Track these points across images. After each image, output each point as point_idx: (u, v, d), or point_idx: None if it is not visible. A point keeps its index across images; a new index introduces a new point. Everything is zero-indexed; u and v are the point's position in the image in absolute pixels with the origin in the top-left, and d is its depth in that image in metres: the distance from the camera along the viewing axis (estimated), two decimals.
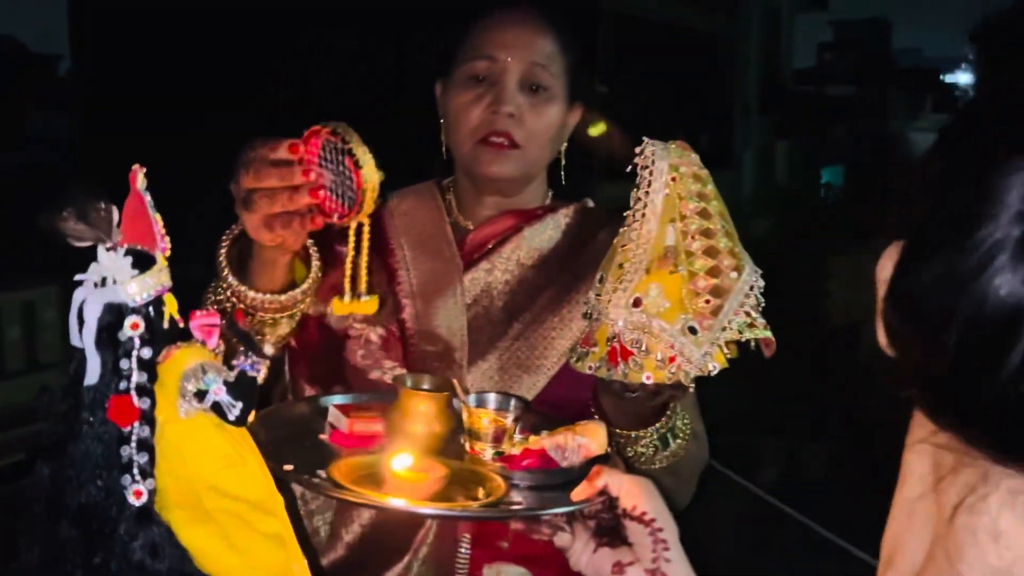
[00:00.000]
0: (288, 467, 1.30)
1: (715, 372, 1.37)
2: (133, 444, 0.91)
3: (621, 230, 1.47)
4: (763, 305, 1.39)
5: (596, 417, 1.70)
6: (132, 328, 0.91)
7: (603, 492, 1.26)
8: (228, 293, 1.48)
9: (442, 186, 1.87)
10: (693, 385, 1.58)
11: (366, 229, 1.38)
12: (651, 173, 1.44)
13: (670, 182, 1.42)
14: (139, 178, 0.93)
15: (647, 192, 1.43)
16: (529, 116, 1.71)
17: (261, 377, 0.94)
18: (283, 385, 1.74)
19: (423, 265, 1.76)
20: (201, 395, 0.93)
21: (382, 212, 1.78)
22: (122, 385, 0.90)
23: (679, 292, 1.37)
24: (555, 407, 1.63)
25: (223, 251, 1.49)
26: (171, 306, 0.93)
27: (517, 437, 1.45)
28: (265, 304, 1.45)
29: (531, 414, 1.52)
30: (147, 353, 0.91)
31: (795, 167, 11.75)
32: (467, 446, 1.44)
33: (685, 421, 1.64)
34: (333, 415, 1.49)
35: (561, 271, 1.77)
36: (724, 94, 12.36)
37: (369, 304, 1.41)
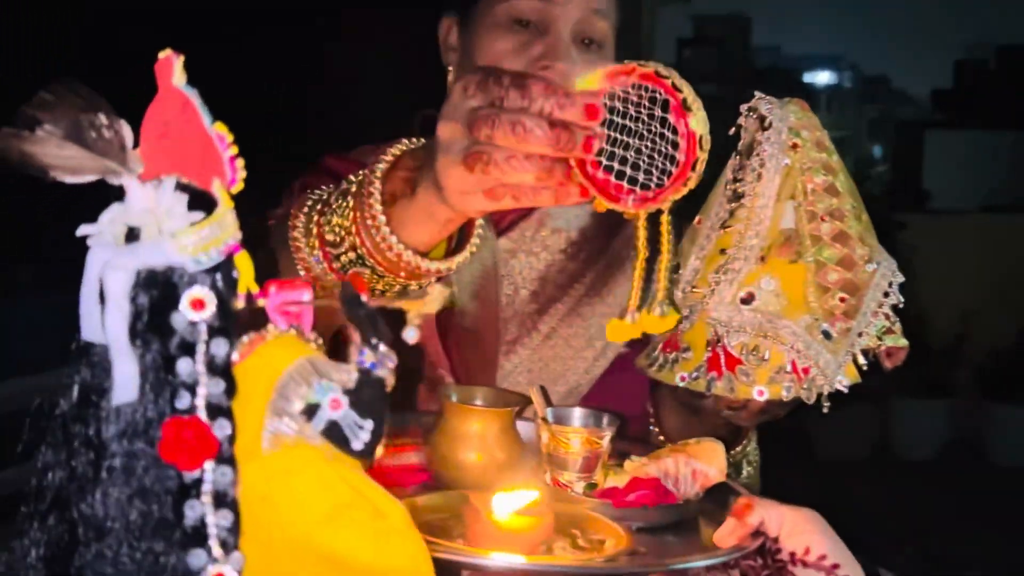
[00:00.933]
0: None
1: (846, 389, 1.16)
2: (206, 499, 0.59)
3: (712, 207, 1.24)
4: (902, 306, 1.19)
5: (656, 433, 1.46)
6: (195, 307, 0.59)
7: (757, 532, 1.02)
8: (347, 245, 1.08)
9: None
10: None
11: (666, 219, 0.98)
12: (767, 137, 1.19)
13: (790, 150, 1.18)
14: (176, 69, 0.61)
15: (761, 161, 1.19)
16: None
17: (391, 380, 0.64)
18: None
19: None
20: (310, 412, 0.62)
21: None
22: (182, 402, 0.58)
23: (802, 287, 1.16)
24: None
25: (375, 177, 1.08)
26: (246, 272, 0.62)
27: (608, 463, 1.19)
28: (421, 270, 1.07)
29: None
30: (221, 348, 0.60)
31: None
32: (547, 477, 1.16)
33: (754, 445, 1.44)
34: None
35: (596, 256, 1.52)
36: None
37: (669, 319, 1.02)
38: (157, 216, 0.59)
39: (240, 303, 0.61)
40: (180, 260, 0.59)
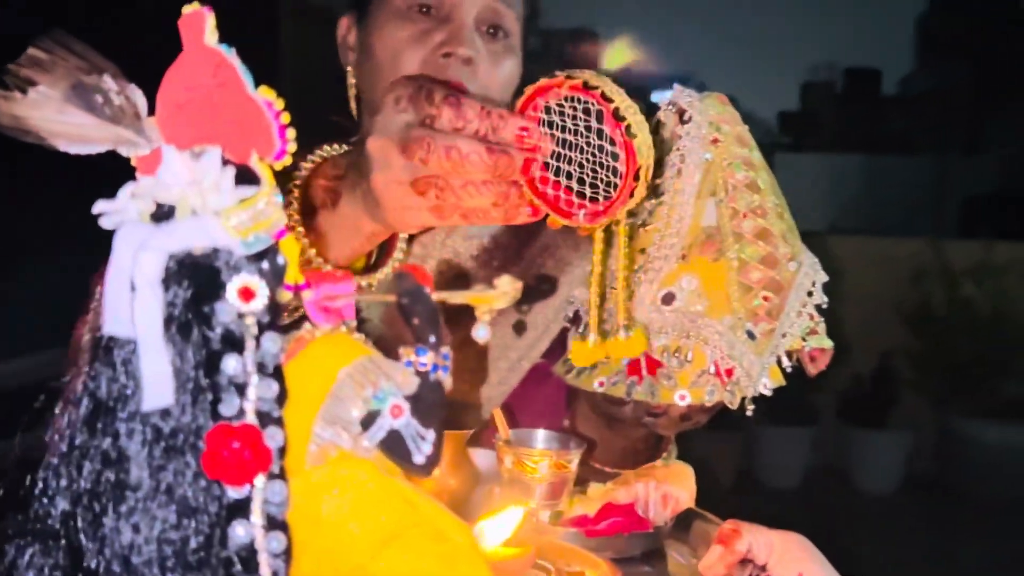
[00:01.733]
0: None
1: (770, 392, 1.15)
2: (256, 519, 0.53)
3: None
4: (825, 307, 1.19)
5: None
6: (243, 297, 0.54)
7: (745, 559, 1.01)
8: None
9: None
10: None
11: (622, 232, 0.98)
12: (687, 132, 1.18)
13: (711, 145, 1.18)
14: (207, 25, 0.56)
15: (681, 156, 1.18)
16: (486, 66, 1.41)
17: (450, 385, 0.60)
18: None
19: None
20: (367, 421, 0.57)
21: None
22: (228, 408, 0.53)
23: (724, 286, 1.15)
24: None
25: (293, 186, 1.10)
26: (293, 259, 0.57)
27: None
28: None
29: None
30: (273, 345, 0.54)
31: None
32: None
33: (675, 460, 1.42)
34: None
35: (508, 265, 1.49)
36: None
37: (635, 343, 1.01)
38: (201, 190, 0.53)
39: (287, 295, 0.56)
40: (226, 242, 0.53)
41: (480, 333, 0.59)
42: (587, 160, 0.92)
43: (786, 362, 1.17)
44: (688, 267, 1.15)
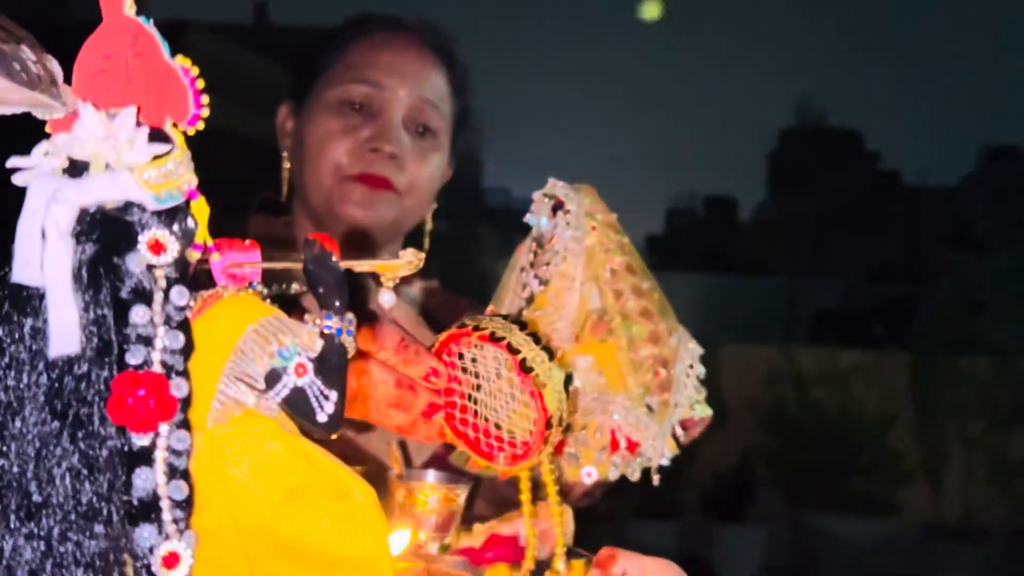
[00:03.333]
0: None
1: (667, 462, 1.14)
2: (159, 467, 0.51)
3: (507, 296, 1.22)
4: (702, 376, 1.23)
5: None
6: (153, 250, 0.52)
7: None
8: None
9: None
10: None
11: (548, 468, 0.99)
12: (567, 221, 1.23)
13: (590, 231, 1.22)
14: None
15: (564, 244, 1.22)
16: (413, 162, 1.43)
17: (353, 350, 0.59)
18: None
19: None
20: (270, 379, 0.55)
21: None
22: (133, 356, 0.51)
23: (615, 364, 1.16)
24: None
25: None
26: (203, 221, 0.56)
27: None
28: None
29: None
30: (181, 298, 0.53)
31: None
32: None
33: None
34: None
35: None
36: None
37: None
38: (117, 146, 0.52)
39: (195, 254, 0.55)
40: (139, 196, 0.52)
41: (384, 298, 0.59)
42: (502, 405, 0.92)
43: (679, 431, 1.16)
44: (581, 348, 1.15)
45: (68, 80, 0.56)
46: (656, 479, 1.15)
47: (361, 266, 0.58)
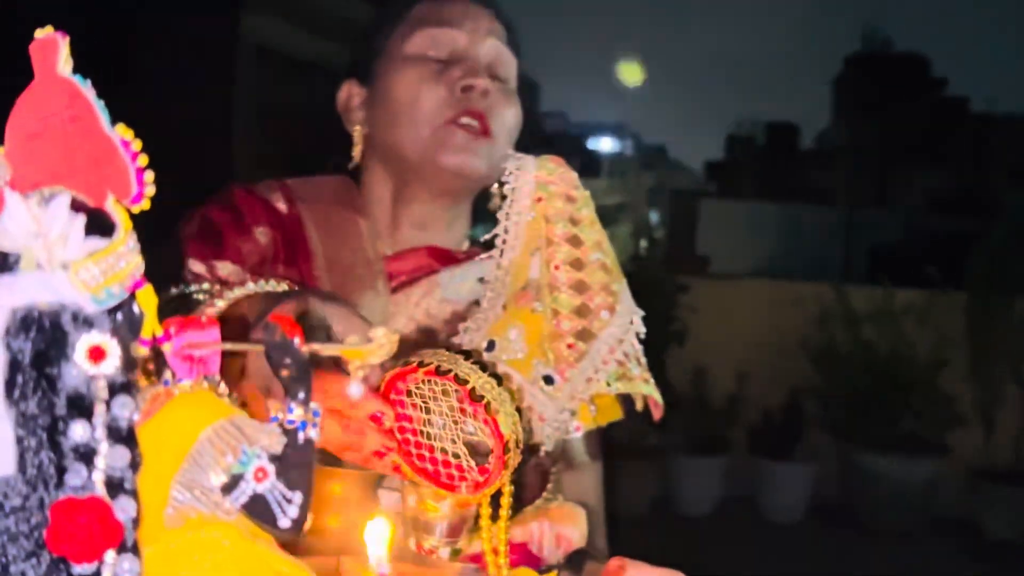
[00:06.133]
0: None
1: (578, 434, 1.16)
2: None
3: (479, 258, 1.29)
4: (641, 355, 1.22)
5: None
6: (92, 358, 0.47)
7: None
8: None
9: (354, 193, 1.52)
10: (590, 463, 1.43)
11: (508, 491, 0.99)
12: (514, 191, 1.23)
13: (536, 202, 1.22)
14: (60, 52, 0.50)
15: (507, 214, 1.22)
16: (500, 103, 1.41)
17: (319, 439, 0.54)
18: None
19: (347, 284, 1.42)
20: (232, 484, 0.51)
21: (291, 206, 1.44)
22: (74, 478, 0.47)
23: (539, 334, 1.17)
24: None
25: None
26: (151, 311, 0.50)
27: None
28: None
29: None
30: (125, 409, 0.48)
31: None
32: (412, 543, 1.07)
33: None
34: None
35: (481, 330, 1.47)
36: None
37: None
38: (47, 243, 0.47)
39: (143, 350, 0.50)
40: (75, 299, 0.47)
41: (352, 390, 0.54)
42: (457, 437, 0.93)
43: (592, 407, 1.18)
44: (510, 317, 1.17)
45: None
46: (543, 451, 1.16)
47: (327, 350, 0.53)
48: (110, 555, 0.47)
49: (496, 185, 1.50)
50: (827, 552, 5.51)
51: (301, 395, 0.52)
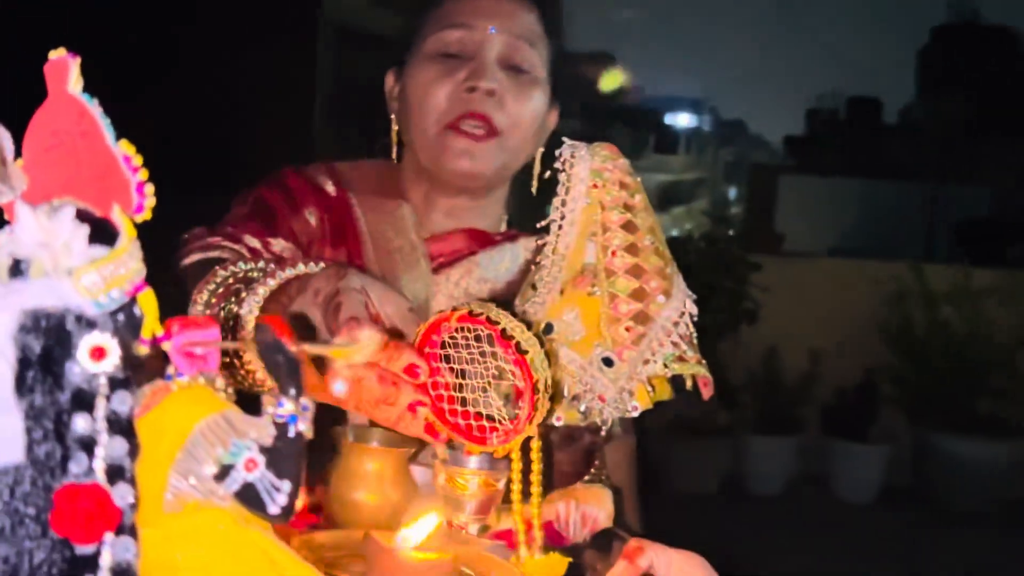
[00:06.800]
0: None
1: (636, 413, 1.20)
2: (104, 573, 0.51)
3: (536, 243, 1.29)
4: (695, 337, 1.24)
5: None
6: (94, 357, 0.52)
7: (647, 574, 1.00)
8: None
9: (396, 177, 1.57)
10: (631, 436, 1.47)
11: (536, 446, 1.00)
12: (569, 179, 1.26)
13: (592, 189, 1.25)
14: (71, 72, 0.54)
15: (564, 201, 1.25)
16: (511, 98, 1.45)
17: (310, 434, 0.58)
18: None
19: (393, 264, 1.48)
20: (222, 472, 0.55)
21: (339, 188, 1.50)
22: (76, 466, 0.51)
23: (597, 318, 1.21)
24: None
25: (255, 303, 1.09)
26: (151, 313, 0.55)
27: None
28: None
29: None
30: (124, 404, 0.52)
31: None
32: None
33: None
34: None
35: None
36: None
37: (554, 565, 1.03)
38: (52, 251, 0.51)
39: (143, 348, 0.54)
40: (78, 303, 0.51)
41: (336, 388, 0.57)
42: (488, 384, 0.96)
43: (649, 387, 1.22)
44: (567, 301, 1.21)
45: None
46: (604, 429, 1.21)
47: (316, 349, 0.57)
48: (109, 537, 0.51)
49: (537, 171, 1.53)
50: (900, 534, 5.44)
51: (292, 391, 0.56)
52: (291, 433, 0.56)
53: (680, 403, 1.23)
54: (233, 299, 1.11)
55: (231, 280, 1.15)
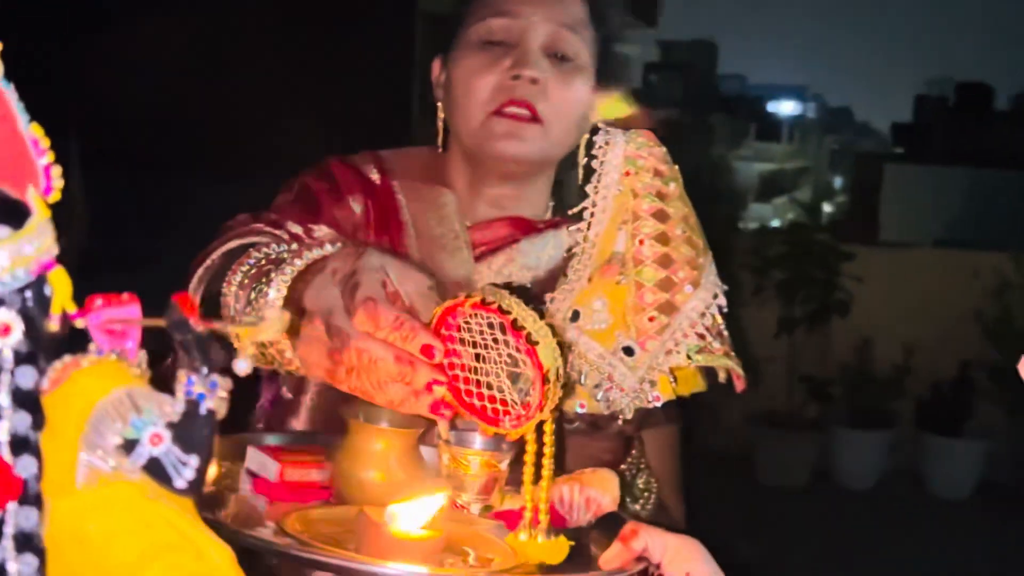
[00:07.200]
0: None
1: (658, 404, 1.22)
2: (7, 543, 0.53)
3: (568, 229, 1.33)
4: (723, 328, 1.24)
5: None
6: (0, 334, 0.54)
7: (642, 557, 1.03)
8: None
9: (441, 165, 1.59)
10: (671, 426, 1.46)
11: (549, 429, 1.01)
12: (602, 165, 1.27)
13: (624, 177, 1.25)
14: None
15: (595, 188, 1.27)
16: (555, 86, 1.45)
17: (223, 410, 0.59)
18: None
19: (435, 252, 1.49)
20: (129, 446, 0.56)
21: (383, 176, 1.52)
22: None
23: (623, 306, 1.21)
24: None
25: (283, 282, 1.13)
26: (62, 291, 0.56)
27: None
28: None
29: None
30: (27, 377, 0.54)
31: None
32: None
33: (649, 483, 1.41)
34: (255, 460, 1.16)
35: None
36: None
37: (557, 546, 1.04)
38: None
39: (54, 325, 0.56)
40: None
41: (240, 365, 0.58)
42: (501, 370, 0.97)
43: (722, 376, 1.24)
44: (595, 288, 1.21)
45: None
46: (621, 419, 1.24)
47: (221, 327, 0.58)
48: (12, 507, 0.53)
49: (582, 159, 1.53)
50: (996, 532, 5.28)
51: (200, 368, 0.57)
52: (202, 411, 0.57)
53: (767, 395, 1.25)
54: (263, 280, 1.13)
55: (264, 262, 1.17)
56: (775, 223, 7.25)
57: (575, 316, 1.21)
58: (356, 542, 0.98)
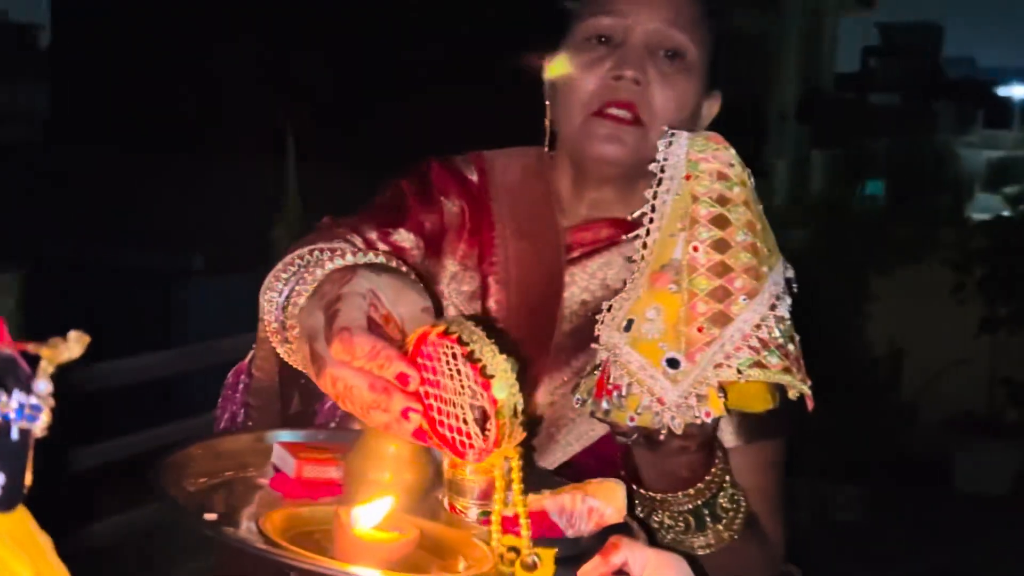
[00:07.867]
0: (210, 516, 1.04)
1: (709, 421, 1.14)
2: None
3: (625, 237, 1.28)
4: (783, 342, 1.16)
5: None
6: None
7: (621, 572, 1.00)
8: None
9: (545, 165, 1.58)
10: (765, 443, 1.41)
11: (516, 466, 1.01)
12: (663, 169, 1.22)
13: (684, 181, 1.20)
14: None
15: (655, 192, 1.22)
16: (658, 87, 1.42)
17: (40, 428, 0.60)
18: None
19: (525, 252, 1.50)
20: None
21: (482, 176, 1.53)
22: None
23: (676, 315, 1.16)
24: (607, 463, 1.33)
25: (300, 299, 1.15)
26: None
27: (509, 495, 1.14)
28: None
29: (530, 467, 1.21)
30: None
31: (832, 179, 11.30)
32: (446, 502, 1.14)
33: (736, 501, 1.30)
34: (278, 455, 1.18)
35: None
36: (757, 98, 11.85)
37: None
38: None
39: None
40: None
41: (39, 386, 0.59)
42: (465, 402, 0.96)
43: (792, 393, 1.16)
44: (650, 297, 1.18)
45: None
46: (662, 435, 1.16)
47: (27, 347, 0.59)
48: None
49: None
50: None
51: (12, 388, 0.58)
52: (13, 432, 0.58)
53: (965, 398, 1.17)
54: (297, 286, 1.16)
55: (306, 262, 1.19)
56: (1005, 213, 6.82)
57: (628, 325, 1.17)
58: (331, 544, 0.99)
